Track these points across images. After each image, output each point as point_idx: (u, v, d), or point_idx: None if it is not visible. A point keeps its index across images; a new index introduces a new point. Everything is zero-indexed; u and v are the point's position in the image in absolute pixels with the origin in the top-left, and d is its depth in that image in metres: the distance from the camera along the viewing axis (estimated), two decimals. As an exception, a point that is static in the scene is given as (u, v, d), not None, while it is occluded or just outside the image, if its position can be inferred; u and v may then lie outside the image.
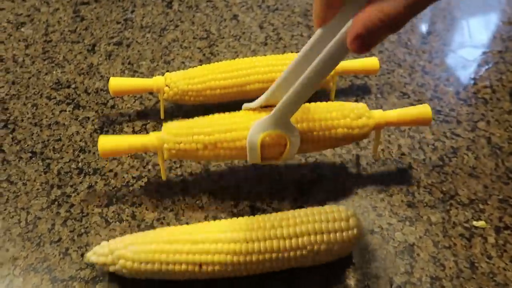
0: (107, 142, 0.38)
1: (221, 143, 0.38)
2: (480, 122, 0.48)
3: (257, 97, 0.39)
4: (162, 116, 0.47)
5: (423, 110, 0.41)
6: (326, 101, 0.48)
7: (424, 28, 0.60)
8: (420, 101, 0.50)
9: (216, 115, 0.40)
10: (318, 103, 0.41)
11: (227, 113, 0.40)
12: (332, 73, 0.46)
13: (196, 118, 0.40)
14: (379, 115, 0.40)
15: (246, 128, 0.38)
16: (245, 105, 0.39)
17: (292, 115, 0.36)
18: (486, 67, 0.55)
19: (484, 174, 0.43)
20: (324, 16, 0.30)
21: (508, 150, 0.45)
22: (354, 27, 0.26)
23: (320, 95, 0.50)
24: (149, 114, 0.48)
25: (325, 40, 0.31)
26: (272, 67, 0.45)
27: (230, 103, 0.46)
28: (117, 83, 0.44)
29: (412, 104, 0.50)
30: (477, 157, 0.45)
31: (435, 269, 0.37)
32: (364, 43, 0.26)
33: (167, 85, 0.45)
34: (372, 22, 0.25)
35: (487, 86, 0.52)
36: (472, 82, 0.53)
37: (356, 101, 0.50)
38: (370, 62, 0.49)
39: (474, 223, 0.40)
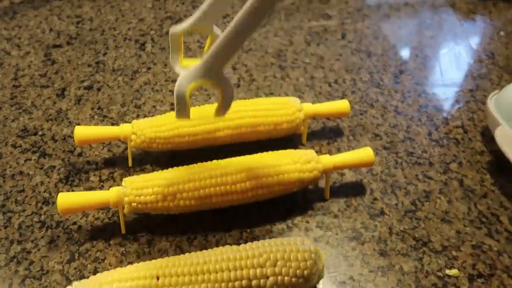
0: (66, 199, 0.37)
1: (180, 193, 0.39)
2: (452, 163, 0.48)
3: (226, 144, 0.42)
4: (130, 164, 0.46)
5: (366, 152, 0.43)
6: (298, 144, 0.48)
7: (396, 67, 0.60)
8: (392, 143, 0.50)
9: (175, 168, 0.41)
10: (269, 152, 0.42)
11: (184, 166, 0.41)
12: (303, 116, 0.46)
13: (156, 172, 0.41)
14: (327, 159, 0.42)
15: (204, 178, 0.39)
16: (172, 28, 0.34)
17: (225, 64, 0.32)
18: (458, 106, 0.55)
19: (456, 218, 0.43)
20: None
21: (480, 192, 0.45)
22: None
23: (293, 138, 0.49)
24: (117, 162, 0.47)
25: None
26: (240, 113, 0.45)
27: (199, 149, 0.46)
28: (82, 131, 0.43)
29: (384, 146, 0.49)
30: (449, 201, 0.44)
31: (408, 322, 0.36)
32: None
33: (134, 133, 0.44)
34: None
35: (458, 126, 0.52)
36: (444, 121, 0.53)
37: (328, 144, 0.49)
38: (341, 104, 0.48)
39: (447, 271, 0.39)
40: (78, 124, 0.50)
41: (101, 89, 0.55)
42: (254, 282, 0.32)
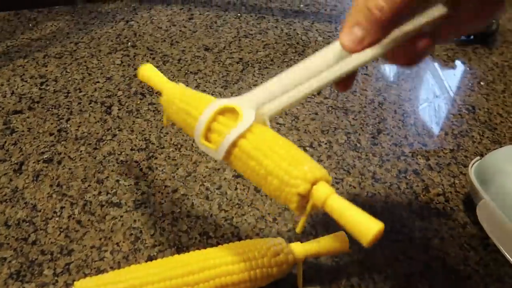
0: None
1: None
2: (434, 239, 0.45)
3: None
4: None
5: (341, 238, 0.40)
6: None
7: (374, 125, 0.58)
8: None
9: (132, 267, 0.38)
10: (236, 243, 0.39)
11: (143, 263, 0.38)
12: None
13: (110, 272, 0.37)
14: (299, 249, 0.39)
15: (163, 279, 0.36)
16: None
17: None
18: (438, 169, 0.52)
19: (439, 307, 0.40)
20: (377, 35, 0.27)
21: (465, 274, 0.42)
22: None
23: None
24: (74, 250, 0.43)
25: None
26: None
27: None
28: None
29: (361, 221, 0.46)
30: (431, 286, 0.41)
31: None
32: None
33: None
34: None
35: (439, 194, 0.50)
36: (424, 188, 0.50)
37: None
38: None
39: None
40: (34, 206, 0.47)
41: (62, 161, 0.52)
42: None
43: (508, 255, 0.42)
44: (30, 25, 0.75)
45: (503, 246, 0.42)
